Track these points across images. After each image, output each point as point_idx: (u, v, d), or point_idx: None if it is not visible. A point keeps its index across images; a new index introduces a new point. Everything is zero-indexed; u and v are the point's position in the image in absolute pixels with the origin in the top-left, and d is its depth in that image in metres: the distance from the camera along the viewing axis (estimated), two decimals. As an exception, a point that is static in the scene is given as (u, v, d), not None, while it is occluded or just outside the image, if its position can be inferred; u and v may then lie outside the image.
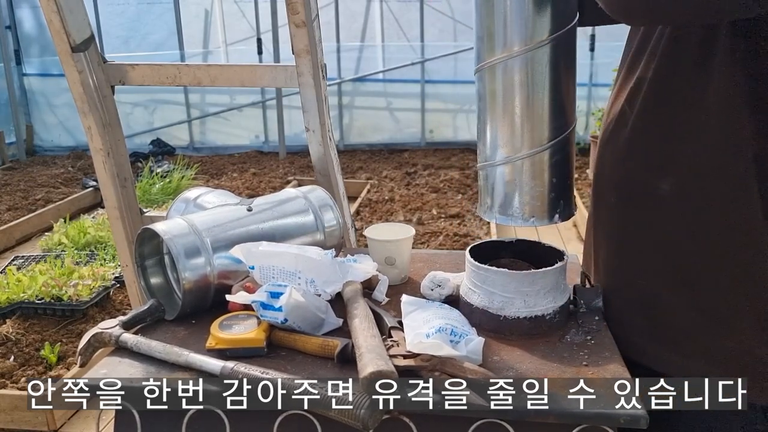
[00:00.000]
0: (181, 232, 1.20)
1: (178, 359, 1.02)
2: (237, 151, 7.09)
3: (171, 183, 5.36)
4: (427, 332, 0.96)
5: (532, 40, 1.04)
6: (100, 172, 1.98)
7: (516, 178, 1.12)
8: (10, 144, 6.91)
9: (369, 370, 0.86)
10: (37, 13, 6.85)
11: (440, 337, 0.96)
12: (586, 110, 6.72)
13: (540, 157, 1.10)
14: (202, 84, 1.89)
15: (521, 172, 1.12)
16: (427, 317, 1.02)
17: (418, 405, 0.91)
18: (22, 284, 3.17)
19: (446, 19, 6.84)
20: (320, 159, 1.82)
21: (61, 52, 1.81)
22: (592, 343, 1.06)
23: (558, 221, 1.14)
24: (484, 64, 1.09)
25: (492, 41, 1.08)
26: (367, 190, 5.52)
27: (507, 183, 1.13)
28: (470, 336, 1.00)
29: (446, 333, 0.97)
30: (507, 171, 1.13)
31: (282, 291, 1.07)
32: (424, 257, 1.47)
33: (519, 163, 1.11)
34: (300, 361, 1.03)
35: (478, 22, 1.10)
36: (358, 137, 7.17)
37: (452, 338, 0.98)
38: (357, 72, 7.02)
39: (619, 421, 0.88)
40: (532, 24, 1.04)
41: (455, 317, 1.06)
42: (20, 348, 2.89)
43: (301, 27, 1.65)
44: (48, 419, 2.48)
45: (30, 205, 5.34)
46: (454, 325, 1.00)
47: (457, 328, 1.00)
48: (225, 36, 6.98)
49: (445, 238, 4.37)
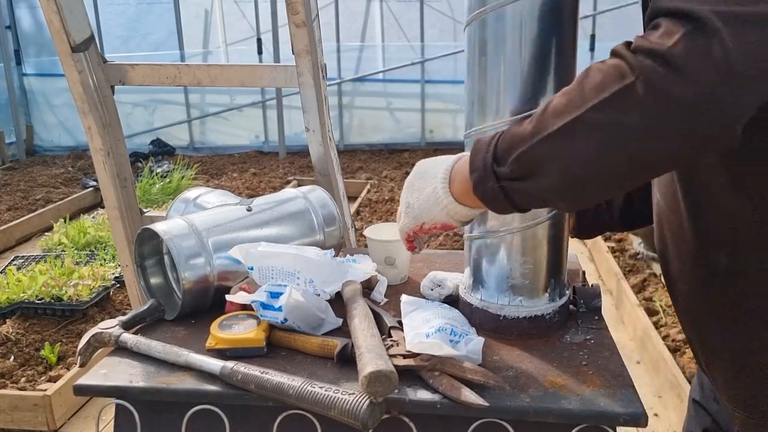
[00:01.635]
0: (181, 233, 1.20)
1: (178, 359, 1.02)
2: (237, 151, 7.10)
3: (171, 183, 5.36)
4: (427, 332, 0.96)
5: (527, 108, 0.99)
6: (100, 172, 1.98)
7: (506, 253, 1.06)
8: (10, 144, 6.91)
9: (369, 369, 0.86)
10: (36, 12, 6.85)
11: (440, 336, 0.95)
12: (586, 110, 6.72)
13: (533, 232, 1.05)
14: (202, 84, 1.89)
15: (510, 246, 1.06)
16: (426, 317, 1.02)
17: (418, 405, 0.91)
18: (22, 284, 3.17)
19: (446, 19, 6.84)
20: (320, 159, 1.82)
21: (61, 52, 1.81)
22: (592, 343, 1.06)
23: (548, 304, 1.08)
24: (473, 132, 1.05)
25: (484, 107, 1.03)
26: (367, 190, 5.52)
27: (495, 258, 1.07)
28: (470, 336, 1.00)
29: (446, 333, 0.97)
30: (494, 244, 1.07)
31: (282, 291, 1.07)
32: (423, 257, 1.47)
33: (509, 237, 1.06)
34: (300, 360, 1.03)
35: (470, 85, 1.05)
36: (358, 137, 7.17)
37: (452, 338, 0.98)
38: (357, 72, 7.02)
39: (618, 420, 0.88)
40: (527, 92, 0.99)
41: (455, 317, 1.06)
42: (20, 348, 2.89)
43: (301, 27, 1.65)
44: (48, 419, 2.48)
45: (30, 205, 5.34)
46: (454, 325, 1.00)
47: (456, 328, 0.99)
48: (225, 36, 6.98)
49: (445, 238, 4.37)
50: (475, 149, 0.87)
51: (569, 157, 0.77)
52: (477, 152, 0.87)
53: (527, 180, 0.81)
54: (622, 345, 3.05)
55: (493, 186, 0.84)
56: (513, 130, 0.83)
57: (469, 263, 1.13)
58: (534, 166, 0.80)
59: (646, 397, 2.65)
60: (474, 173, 0.86)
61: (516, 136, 0.82)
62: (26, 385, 2.65)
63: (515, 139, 0.82)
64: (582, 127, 0.75)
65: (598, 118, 0.74)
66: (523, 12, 0.97)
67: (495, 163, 0.83)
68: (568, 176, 0.78)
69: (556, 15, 0.98)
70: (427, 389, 0.92)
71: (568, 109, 0.76)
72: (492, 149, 0.84)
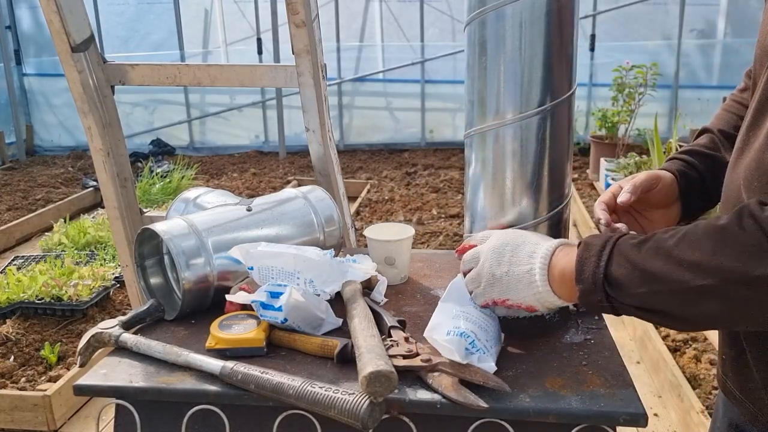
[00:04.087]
0: (181, 233, 1.20)
1: (178, 359, 1.02)
2: (237, 151, 7.10)
3: (171, 183, 5.36)
4: (448, 329, 0.94)
5: (527, 108, 0.99)
6: (100, 172, 1.98)
7: None
8: (10, 144, 6.92)
9: (368, 369, 0.86)
10: (36, 12, 6.85)
11: (457, 342, 0.92)
12: (586, 110, 6.73)
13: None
14: (202, 84, 1.89)
15: None
16: (458, 314, 0.98)
17: (418, 405, 0.91)
18: (22, 284, 3.17)
19: (446, 18, 6.84)
20: (320, 159, 1.82)
21: (61, 52, 1.82)
22: (592, 343, 1.06)
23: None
24: (473, 131, 1.04)
25: (484, 107, 1.03)
26: (367, 190, 5.53)
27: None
28: (485, 355, 0.94)
29: (466, 340, 0.93)
30: None
31: (282, 291, 1.07)
32: (424, 257, 1.47)
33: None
34: (300, 360, 1.03)
35: (470, 85, 1.04)
36: (358, 137, 7.18)
37: (468, 348, 0.93)
38: (357, 72, 7.02)
39: (618, 420, 0.88)
40: (527, 92, 0.99)
41: (486, 328, 0.99)
42: (20, 348, 2.90)
43: (301, 27, 1.65)
44: (48, 419, 2.48)
45: (30, 205, 5.34)
46: (478, 337, 0.95)
47: (478, 342, 0.94)
48: (225, 36, 6.98)
49: (445, 238, 4.37)
50: (583, 257, 0.85)
51: (704, 316, 0.78)
52: (585, 262, 0.85)
53: (648, 313, 0.82)
54: (622, 345, 3.05)
55: (602, 302, 0.84)
56: (631, 256, 0.81)
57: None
58: (661, 311, 0.80)
59: (646, 397, 2.65)
60: (581, 284, 0.85)
61: (638, 270, 0.80)
62: (26, 385, 2.65)
63: (636, 275, 0.80)
64: (723, 294, 0.75)
65: (742, 294, 0.73)
66: (523, 12, 0.97)
67: (608, 285, 0.82)
68: (697, 325, 0.82)
69: (555, 15, 0.98)
70: (427, 389, 0.92)
71: (706, 271, 0.75)
72: (603, 267, 0.82)
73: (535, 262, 0.91)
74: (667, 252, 0.78)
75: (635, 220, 1.11)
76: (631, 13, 6.47)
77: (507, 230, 0.99)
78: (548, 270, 0.91)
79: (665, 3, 6.40)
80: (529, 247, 0.93)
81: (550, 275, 0.91)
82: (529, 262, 0.92)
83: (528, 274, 0.91)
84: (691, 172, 1.11)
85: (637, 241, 0.82)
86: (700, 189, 1.11)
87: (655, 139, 4.19)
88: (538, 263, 0.91)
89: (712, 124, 1.16)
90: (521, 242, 0.95)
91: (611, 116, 5.54)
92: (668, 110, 6.49)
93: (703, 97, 6.44)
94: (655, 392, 2.72)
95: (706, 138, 1.15)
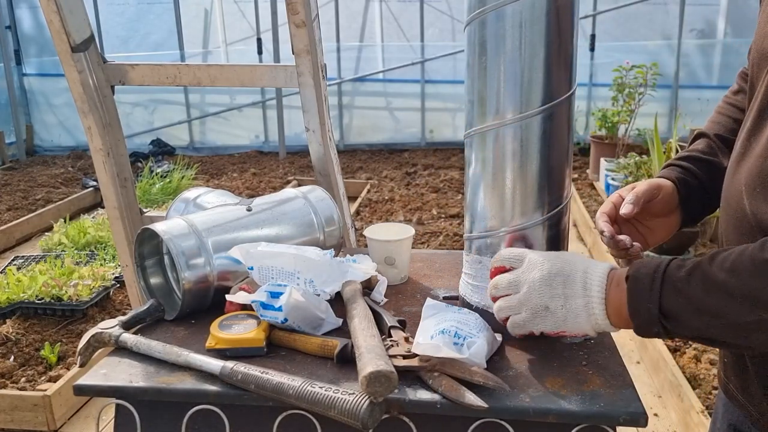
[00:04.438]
0: (181, 233, 1.20)
1: (178, 359, 1.02)
2: (237, 151, 7.10)
3: (171, 183, 5.36)
4: (431, 334, 0.96)
5: (527, 108, 0.99)
6: (100, 172, 1.98)
7: None
8: (10, 144, 6.92)
9: (368, 369, 0.86)
10: (36, 12, 6.86)
11: (442, 338, 0.95)
12: (586, 110, 6.73)
13: (532, 231, 1.05)
14: (202, 84, 1.89)
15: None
16: (438, 320, 1.00)
17: (418, 405, 0.91)
18: (22, 284, 3.17)
19: (446, 18, 6.84)
20: (320, 159, 1.82)
21: (61, 52, 1.82)
22: (592, 343, 1.06)
23: None
24: (473, 131, 1.04)
25: (484, 107, 1.03)
26: (367, 190, 5.53)
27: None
28: (472, 339, 0.97)
29: (449, 335, 0.95)
30: (495, 244, 1.06)
31: (282, 291, 1.07)
32: (424, 257, 1.47)
33: (509, 237, 1.05)
34: (300, 360, 1.03)
35: (470, 85, 1.04)
36: (358, 137, 7.18)
37: (456, 340, 0.95)
38: (357, 72, 7.02)
39: (618, 420, 0.88)
40: (527, 92, 0.99)
41: (466, 320, 1.02)
42: (20, 348, 2.90)
43: (301, 27, 1.65)
44: (48, 419, 2.48)
45: (30, 205, 5.34)
46: (460, 328, 0.97)
47: (462, 330, 0.97)
48: (225, 36, 6.98)
49: (445, 238, 4.37)
50: (634, 293, 0.86)
51: (760, 343, 0.81)
52: (638, 299, 0.85)
53: (704, 341, 0.86)
54: (622, 345, 3.05)
55: (659, 333, 0.86)
56: (683, 289, 0.82)
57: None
58: (717, 340, 0.84)
59: (646, 397, 2.65)
60: (637, 318, 0.86)
61: (692, 305, 0.82)
62: (26, 385, 2.65)
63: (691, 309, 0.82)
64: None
65: None
66: (523, 12, 0.97)
67: (664, 318, 0.84)
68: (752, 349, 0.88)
69: (555, 15, 0.98)
70: (427, 389, 0.92)
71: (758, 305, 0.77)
72: (657, 303, 0.83)
73: (592, 295, 0.90)
74: (717, 286, 0.80)
75: (636, 230, 1.11)
76: (631, 13, 6.47)
77: (547, 254, 0.96)
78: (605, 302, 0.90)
79: (665, 3, 6.40)
80: (579, 276, 0.92)
81: (607, 308, 0.90)
82: (585, 294, 0.91)
83: (586, 308, 0.90)
84: (690, 179, 1.11)
85: (685, 274, 0.83)
86: (699, 196, 1.12)
87: (655, 139, 4.19)
88: (596, 297, 0.90)
89: (708, 129, 1.16)
90: (570, 271, 0.93)
91: (611, 116, 5.54)
92: (668, 110, 6.50)
93: (703, 97, 6.44)
94: (655, 392, 2.72)
95: (703, 143, 1.15)
